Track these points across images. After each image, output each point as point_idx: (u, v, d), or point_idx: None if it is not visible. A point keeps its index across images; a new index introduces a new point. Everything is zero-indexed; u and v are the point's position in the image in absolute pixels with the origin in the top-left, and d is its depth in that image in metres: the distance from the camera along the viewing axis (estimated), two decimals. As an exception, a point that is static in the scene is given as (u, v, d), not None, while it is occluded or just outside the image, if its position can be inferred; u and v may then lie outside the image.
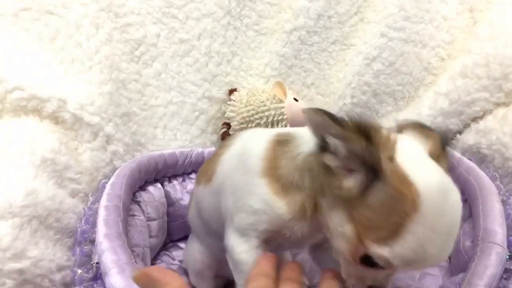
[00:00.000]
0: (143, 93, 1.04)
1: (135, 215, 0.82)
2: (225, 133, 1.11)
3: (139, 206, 0.86)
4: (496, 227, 0.66)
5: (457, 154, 0.85)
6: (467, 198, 0.78)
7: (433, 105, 1.04)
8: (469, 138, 0.96)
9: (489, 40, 0.98)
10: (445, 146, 0.52)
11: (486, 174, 0.78)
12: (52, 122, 0.84)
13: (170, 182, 0.99)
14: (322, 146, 0.47)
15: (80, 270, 0.65)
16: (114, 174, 0.81)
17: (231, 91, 1.13)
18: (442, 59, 1.12)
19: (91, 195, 0.80)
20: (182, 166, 1.00)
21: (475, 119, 0.98)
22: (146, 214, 0.87)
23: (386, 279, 0.51)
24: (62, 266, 0.68)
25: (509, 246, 0.64)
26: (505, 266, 0.62)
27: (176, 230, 0.99)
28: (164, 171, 0.96)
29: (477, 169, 0.79)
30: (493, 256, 0.61)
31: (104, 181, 0.82)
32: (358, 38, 1.18)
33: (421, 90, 1.14)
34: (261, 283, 0.48)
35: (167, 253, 0.97)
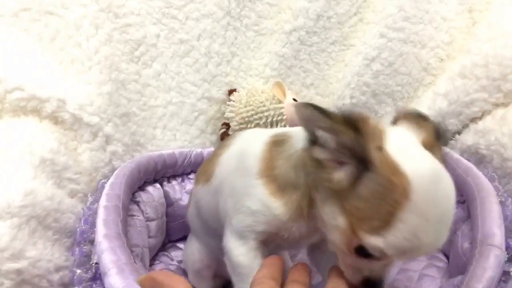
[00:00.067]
0: (143, 93, 1.04)
1: (134, 215, 0.82)
2: (224, 133, 1.11)
3: (138, 206, 0.86)
4: (494, 229, 0.66)
5: (455, 155, 0.84)
6: (466, 199, 0.78)
7: (432, 105, 1.05)
8: (467, 138, 0.96)
9: (488, 40, 0.98)
10: (439, 136, 0.52)
11: (484, 174, 0.78)
12: (51, 122, 0.84)
13: (169, 182, 0.99)
14: (312, 140, 0.47)
15: (79, 270, 0.65)
16: (113, 174, 0.81)
17: (231, 92, 1.13)
18: (441, 60, 1.12)
19: (90, 195, 0.79)
20: (181, 166, 1.00)
21: (474, 120, 0.98)
22: (145, 214, 0.87)
23: (383, 270, 0.51)
24: (60, 267, 0.68)
25: (507, 248, 0.64)
26: (503, 268, 0.61)
27: (175, 230, 0.99)
28: (163, 171, 0.96)
29: (475, 170, 0.79)
30: (491, 258, 0.61)
31: (103, 181, 0.82)
32: (358, 39, 1.18)
33: (420, 90, 1.14)
34: (266, 286, 0.48)
35: (166, 253, 0.97)
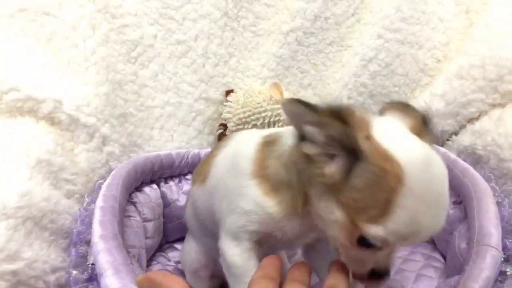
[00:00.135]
0: (140, 94, 1.04)
1: (131, 216, 0.82)
2: (221, 134, 1.11)
3: (135, 207, 0.85)
4: (491, 229, 0.66)
5: (452, 156, 0.85)
6: (462, 200, 0.78)
7: (429, 106, 1.05)
8: (464, 139, 0.96)
9: (485, 41, 0.99)
10: (426, 122, 0.52)
11: (481, 175, 0.78)
12: (48, 123, 0.84)
13: (166, 183, 0.99)
14: (301, 136, 0.47)
15: (75, 271, 0.65)
16: (110, 175, 0.81)
17: (228, 92, 1.13)
18: (438, 61, 1.12)
19: (87, 196, 0.79)
20: (179, 167, 0.99)
21: (471, 120, 0.99)
22: (142, 215, 0.86)
23: (387, 259, 0.51)
24: (56, 268, 0.68)
25: (504, 249, 0.64)
26: (500, 268, 0.62)
27: (172, 231, 0.99)
28: (160, 172, 0.96)
29: (472, 170, 0.79)
30: (488, 259, 0.61)
31: (100, 182, 0.81)
32: (355, 39, 1.18)
33: (417, 91, 1.14)
34: (263, 286, 0.48)
35: (163, 254, 0.96)
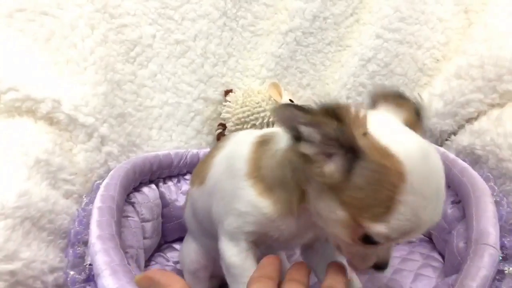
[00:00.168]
0: (138, 94, 1.04)
1: (129, 216, 0.82)
2: (220, 134, 1.11)
3: (133, 207, 0.85)
4: (489, 228, 0.66)
5: (451, 155, 0.84)
6: (461, 199, 0.78)
7: (428, 106, 1.05)
8: (463, 139, 0.96)
9: (483, 41, 0.99)
10: (418, 113, 0.52)
11: (480, 175, 0.78)
12: (46, 123, 0.84)
13: (165, 183, 0.98)
14: (296, 137, 0.46)
15: (72, 272, 0.64)
16: (108, 175, 0.80)
17: (227, 92, 1.13)
18: (437, 60, 1.12)
19: (85, 197, 0.79)
20: (177, 167, 0.99)
21: (470, 120, 0.99)
22: (140, 215, 0.86)
23: (387, 252, 0.52)
24: (54, 268, 0.68)
25: (502, 248, 0.64)
26: (498, 267, 0.61)
27: (170, 231, 0.99)
28: (159, 172, 0.96)
29: (470, 170, 0.79)
30: (485, 257, 0.61)
31: (98, 182, 0.81)
32: (354, 39, 1.18)
33: (416, 91, 1.14)
34: (263, 285, 0.48)
35: (162, 254, 0.96)
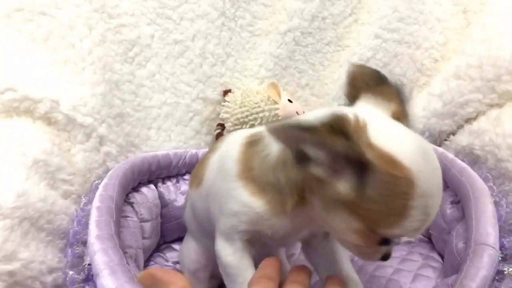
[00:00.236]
0: (137, 94, 1.04)
1: (128, 216, 0.81)
2: (219, 134, 1.11)
3: (132, 207, 0.85)
4: (488, 229, 0.66)
5: (450, 155, 0.84)
6: (460, 199, 0.78)
7: (426, 106, 1.05)
8: (462, 139, 0.96)
9: (482, 41, 0.99)
10: (403, 99, 0.53)
11: (479, 175, 0.78)
12: (44, 123, 0.83)
13: (164, 183, 0.98)
14: (300, 156, 0.46)
15: (71, 272, 0.64)
16: (107, 175, 0.80)
17: (226, 92, 1.13)
18: (436, 61, 1.12)
19: (84, 197, 0.79)
20: (176, 167, 0.99)
21: (468, 120, 0.99)
22: (139, 215, 0.86)
23: (392, 245, 0.53)
24: (53, 268, 0.68)
25: (501, 248, 0.64)
26: (497, 268, 0.61)
27: (169, 231, 0.99)
28: (157, 172, 0.96)
29: (469, 170, 0.79)
30: (485, 258, 0.61)
31: (97, 182, 0.81)
32: (352, 39, 1.18)
33: (414, 91, 1.14)
34: (263, 285, 0.49)
35: (161, 254, 0.96)
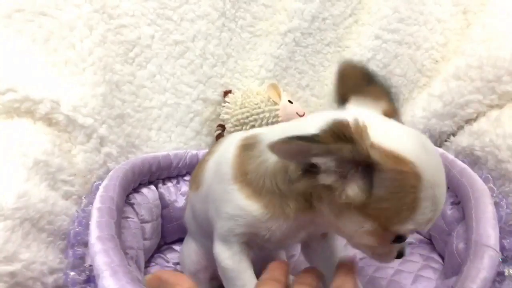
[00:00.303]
0: (137, 94, 1.04)
1: (129, 217, 0.81)
2: (219, 135, 1.11)
3: (133, 208, 0.85)
4: (489, 230, 0.66)
5: (450, 156, 0.84)
6: (460, 200, 0.78)
7: (427, 107, 1.05)
8: (462, 140, 0.96)
9: (482, 42, 0.99)
10: (392, 98, 0.55)
11: (479, 176, 0.78)
12: (45, 124, 0.83)
13: (164, 184, 0.98)
14: (305, 169, 0.47)
15: (72, 273, 0.64)
16: (107, 176, 0.80)
17: (226, 93, 1.13)
18: (436, 61, 1.13)
19: (85, 197, 0.79)
20: (177, 168, 0.99)
21: (469, 121, 0.99)
22: (139, 216, 0.86)
23: (405, 242, 0.54)
24: (54, 269, 0.68)
25: (501, 249, 0.64)
26: (498, 269, 0.61)
27: (170, 232, 0.99)
28: (158, 173, 0.96)
29: (470, 171, 0.79)
30: (485, 259, 0.61)
31: (97, 183, 0.81)
32: (353, 40, 1.18)
33: (415, 92, 1.15)
34: (270, 287, 0.49)
35: (161, 255, 0.96)
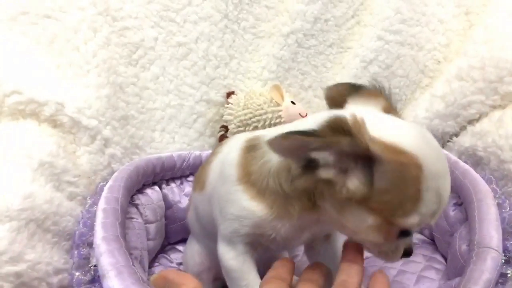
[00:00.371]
0: (141, 96, 1.04)
1: (133, 218, 0.82)
2: (223, 136, 1.11)
3: (137, 209, 0.86)
4: (491, 231, 0.66)
5: (452, 157, 0.85)
6: (463, 202, 0.78)
7: (429, 107, 1.05)
8: (465, 140, 0.96)
9: (484, 43, 0.99)
10: (387, 97, 0.56)
11: (482, 177, 0.78)
12: (50, 125, 0.84)
13: (168, 185, 0.99)
14: (305, 165, 0.47)
15: (77, 273, 0.65)
16: (112, 177, 0.81)
17: (229, 94, 1.13)
18: (438, 62, 1.12)
19: (89, 198, 0.80)
20: (180, 169, 1.00)
21: (471, 122, 0.99)
22: (144, 217, 0.87)
23: (411, 238, 0.53)
24: (59, 269, 0.68)
25: (504, 251, 0.64)
26: (500, 271, 0.62)
27: (174, 232, 0.99)
28: (162, 174, 0.96)
29: (472, 172, 0.79)
30: (488, 261, 0.61)
31: (102, 184, 0.82)
32: (355, 41, 1.18)
33: (417, 92, 1.15)
34: (275, 286, 0.49)
35: (165, 256, 0.97)
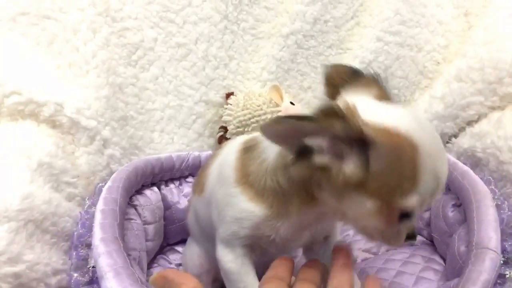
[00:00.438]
0: (140, 97, 1.05)
1: (132, 219, 0.82)
2: (222, 136, 1.11)
3: (136, 209, 0.86)
4: (490, 232, 0.66)
5: (452, 158, 0.85)
6: (462, 203, 0.78)
7: (428, 108, 1.05)
8: (464, 141, 0.96)
9: (483, 44, 0.99)
10: (381, 85, 0.57)
11: (480, 178, 0.78)
12: (49, 126, 0.84)
13: (167, 185, 0.99)
14: (299, 152, 0.46)
15: (76, 274, 0.65)
16: (110, 178, 0.81)
17: (228, 95, 1.13)
18: (438, 63, 1.13)
19: (88, 199, 0.80)
20: (179, 169, 1.00)
21: (470, 123, 0.99)
22: (142, 218, 0.87)
23: (414, 221, 0.53)
24: (57, 270, 0.68)
25: (503, 252, 0.64)
26: (499, 271, 0.62)
27: (173, 233, 0.99)
28: (161, 175, 0.96)
29: (471, 173, 0.79)
30: (487, 261, 0.61)
31: (100, 185, 0.82)
32: (354, 42, 1.18)
33: (416, 93, 1.15)
34: (274, 285, 0.49)
35: (164, 256, 0.97)
